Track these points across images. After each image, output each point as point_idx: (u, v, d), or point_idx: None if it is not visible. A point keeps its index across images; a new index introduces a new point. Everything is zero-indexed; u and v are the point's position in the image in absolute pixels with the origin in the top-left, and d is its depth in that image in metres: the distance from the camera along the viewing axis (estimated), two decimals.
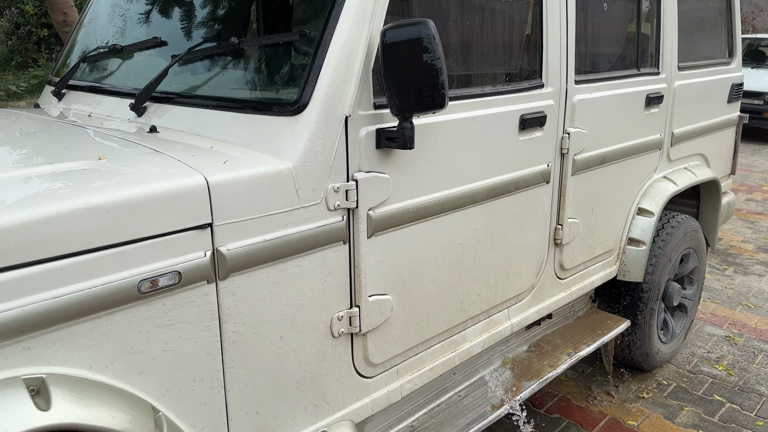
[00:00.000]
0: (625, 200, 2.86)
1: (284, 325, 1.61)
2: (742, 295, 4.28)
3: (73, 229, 1.21)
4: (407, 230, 1.85)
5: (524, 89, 2.18)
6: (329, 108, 1.60)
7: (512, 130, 2.14)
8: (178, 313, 1.40)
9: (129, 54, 2.22)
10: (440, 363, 2.10)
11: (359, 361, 1.83)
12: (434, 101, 1.59)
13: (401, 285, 1.88)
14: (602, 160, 2.61)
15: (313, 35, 1.66)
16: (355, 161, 1.67)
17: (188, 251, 1.39)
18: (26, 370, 1.19)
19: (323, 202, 1.62)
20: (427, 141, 1.84)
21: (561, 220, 2.49)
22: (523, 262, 2.37)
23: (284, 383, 1.65)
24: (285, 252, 1.56)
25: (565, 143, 2.38)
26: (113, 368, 1.31)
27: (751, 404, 3.04)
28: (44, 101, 2.46)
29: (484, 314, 2.25)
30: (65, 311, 1.22)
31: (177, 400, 1.43)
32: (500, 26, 2.14)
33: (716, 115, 3.39)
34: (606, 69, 2.62)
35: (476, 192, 2.05)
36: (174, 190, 1.35)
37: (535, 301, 2.50)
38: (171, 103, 1.88)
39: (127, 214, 1.28)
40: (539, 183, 2.32)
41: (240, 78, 1.82)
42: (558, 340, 2.72)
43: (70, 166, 1.42)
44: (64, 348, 1.24)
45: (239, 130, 1.67)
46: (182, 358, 1.42)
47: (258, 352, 1.57)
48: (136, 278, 1.30)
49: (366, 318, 1.79)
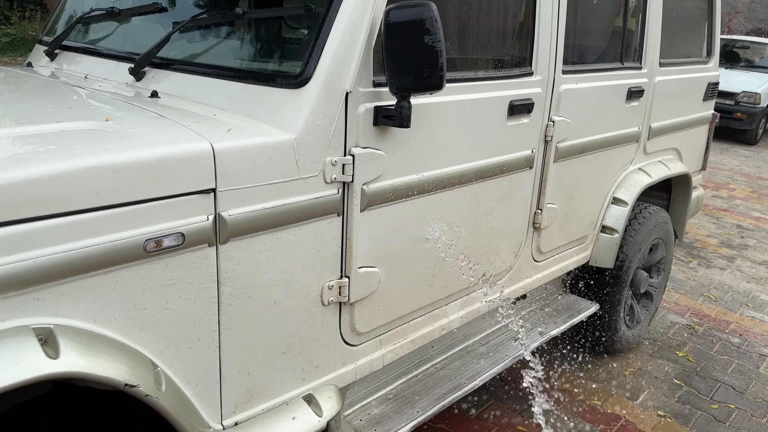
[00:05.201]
0: (601, 189, 2.97)
1: (278, 290, 1.67)
2: (704, 286, 4.48)
3: (85, 186, 1.25)
4: (398, 206, 1.92)
5: (514, 76, 2.26)
6: (331, 83, 1.65)
7: (501, 116, 2.21)
8: (180, 274, 1.45)
9: (126, 18, 2.22)
10: (420, 335, 2.19)
11: (346, 329, 1.90)
12: (432, 82, 1.65)
13: (389, 259, 1.95)
14: (583, 149, 2.70)
15: (319, 11, 1.70)
16: (353, 137, 1.73)
17: (192, 214, 1.43)
18: (35, 319, 1.23)
19: (321, 174, 1.68)
20: (421, 121, 1.90)
21: (541, 205, 2.59)
22: (503, 244, 2.46)
23: (275, 346, 1.71)
24: (282, 221, 1.62)
25: (549, 131, 2.47)
26: (116, 323, 1.36)
27: (707, 388, 3.21)
28: (36, 60, 2.45)
29: (464, 291, 2.34)
30: (74, 265, 1.26)
31: (174, 356, 1.49)
32: (495, 13, 2.20)
33: (692, 111, 3.52)
34: (592, 61, 2.71)
35: (464, 173, 2.12)
36: (182, 154, 1.39)
37: (511, 282, 2.60)
38: (170, 69, 1.91)
39: (137, 175, 1.32)
40: (523, 168, 2.40)
41: (243, 48, 1.85)
42: (531, 320, 2.83)
43: (77, 126, 1.44)
44: (71, 301, 1.28)
45: (241, 99, 1.71)
46: (181, 317, 1.48)
47: (252, 315, 1.63)
48: (142, 237, 1.35)
49: (355, 288, 1.86)
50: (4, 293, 1.18)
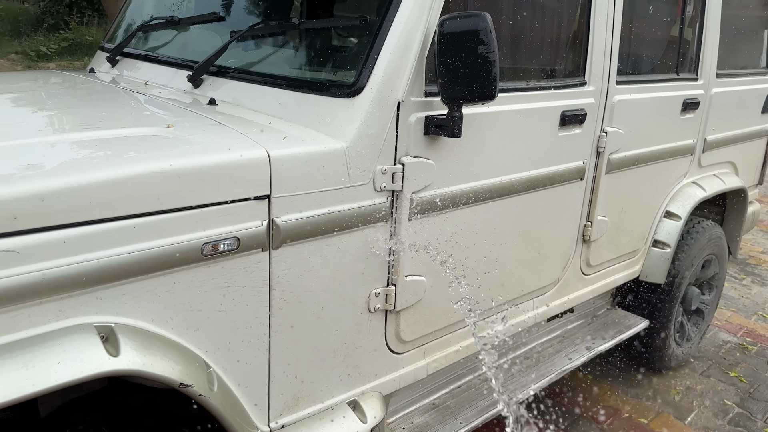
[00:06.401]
0: (653, 202, 2.90)
1: (326, 296, 1.69)
2: (758, 305, 4.32)
3: (148, 190, 1.30)
4: (446, 215, 1.92)
5: (567, 86, 2.23)
6: (384, 93, 1.67)
7: (553, 126, 2.19)
8: (234, 277, 1.48)
9: (185, 26, 2.30)
10: (466, 345, 2.18)
11: (391, 337, 1.91)
12: (485, 92, 1.65)
13: (436, 268, 1.95)
14: (636, 161, 2.65)
15: (373, 21, 1.72)
16: (404, 145, 1.74)
17: (247, 219, 1.47)
18: (98, 318, 1.28)
19: (371, 182, 1.70)
20: (471, 131, 1.90)
21: (591, 217, 2.55)
22: (551, 256, 2.43)
23: (322, 351, 1.73)
24: (333, 227, 1.64)
25: (602, 142, 2.43)
26: (172, 323, 1.40)
27: (760, 411, 3.09)
28: (98, 66, 2.54)
29: (510, 303, 2.32)
30: (135, 266, 1.30)
31: (226, 357, 1.52)
32: (548, 23, 2.18)
33: (749, 124, 3.41)
34: (646, 71, 2.65)
35: (514, 184, 2.11)
36: (240, 161, 1.43)
37: (558, 295, 2.56)
38: (227, 77, 1.96)
39: (196, 180, 1.37)
40: (574, 179, 2.37)
41: (298, 58, 1.88)
42: (578, 334, 2.79)
43: (141, 131, 1.50)
44: (131, 301, 1.33)
45: (295, 107, 1.74)
46: (234, 319, 1.51)
47: (301, 319, 1.65)
48: (200, 241, 1.39)
49: (401, 296, 1.87)
50: (70, 291, 1.23)
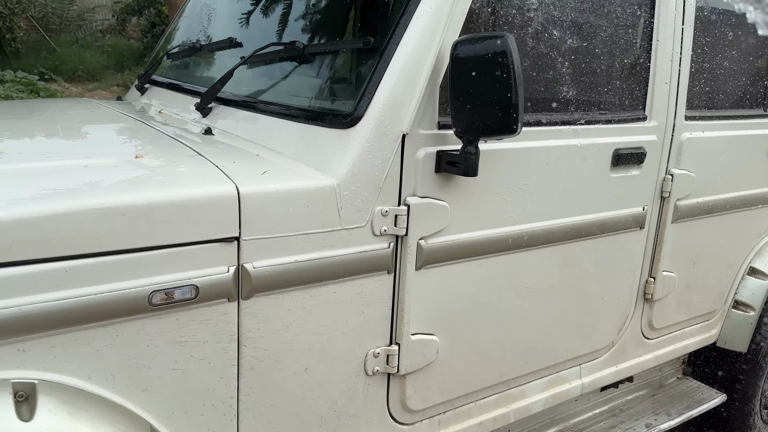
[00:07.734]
0: (734, 257, 2.49)
1: (311, 355, 1.47)
2: None
3: (83, 229, 1.14)
4: (464, 265, 1.66)
5: (622, 120, 1.93)
6: (385, 124, 1.45)
7: (603, 166, 1.89)
8: (193, 331, 1.29)
9: (207, 54, 2.20)
10: (491, 418, 1.88)
11: (395, 405, 1.65)
12: (505, 126, 1.40)
13: (451, 326, 1.68)
14: (711, 209, 2.28)
15: (378, 44, 1.52)
16: (410, 184, 1.51)
17: (210, 265, 1.28)
18: (18, 373, 1.12)
19: (368, 225, 1.47)
20: (496, 168, 1.64)
21: (654, 272, 2.19)
22: (603, 316, 2.09)
23: (305, 419, 1.50)
24: (319, 276, 1.43)
25: (667, 185, 2.09)
26: (114, 382, 1.22)
27: None
28: (129, 95, 2.50)
29: (550, 369, 2.00)
30: (67, 315, 1.14)
31: (183, 424, 1.32)
32: (599, 45, 1.90)
33: None
34: (724, 106, 2.29)
35: (552, 231, 1.82)
36: (200, 197, 1.25)
37: (613, 361, 2.21)
38: (234, 107, 1.82)
39: (145, 218, 1.20)
40: (631, 228, 2.04)
41: (299, 85, 1.72)
42: (637, 407, 2.40)
43: (104, 162, 1.37)
44: (62, 354, 1.16)
45: (290, 139, 1.56)
46: (193, 379, 1.32)
47: (279, 381, 1.44)
48: (148, 288, 1.21)
49: (406, 358, 1.61)
50: None
